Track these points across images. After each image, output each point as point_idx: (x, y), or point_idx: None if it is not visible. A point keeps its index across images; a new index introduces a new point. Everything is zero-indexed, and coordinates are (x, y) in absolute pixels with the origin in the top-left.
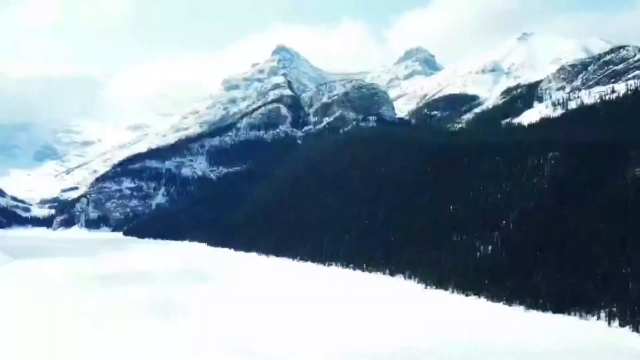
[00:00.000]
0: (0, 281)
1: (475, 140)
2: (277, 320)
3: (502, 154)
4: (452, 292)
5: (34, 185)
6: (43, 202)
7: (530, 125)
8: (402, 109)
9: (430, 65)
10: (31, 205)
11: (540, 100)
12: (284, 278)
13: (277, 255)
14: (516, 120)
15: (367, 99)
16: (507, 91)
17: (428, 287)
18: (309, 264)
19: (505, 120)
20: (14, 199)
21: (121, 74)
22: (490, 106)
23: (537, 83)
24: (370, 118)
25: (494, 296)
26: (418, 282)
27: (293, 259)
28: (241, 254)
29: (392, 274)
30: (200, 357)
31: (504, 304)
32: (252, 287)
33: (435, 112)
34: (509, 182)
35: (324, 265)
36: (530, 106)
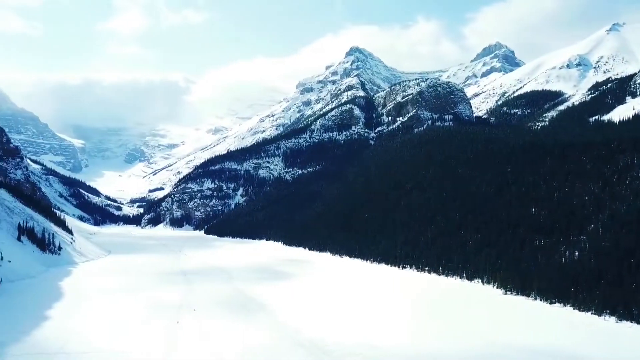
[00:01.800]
0: (97, 274)
1: (559, 138)
2: (352, 320)
3: (589, 152)
4: (535, 298)
5: (124, 186)
6: (132, 202)
7: (622, 122)
8: (480, 107)
9: (509, 61)
10: (122, 204)
11: (634, 95)
12: (358, 279)
13: (350, 256)
14: (606, 117)
15: (442, 97)
16: (596, 86)
17: (508, 292)
18: (382, 266)
19: (594, 118)
20: (108, 198)
21: (201, 79)
22: (577, 103)
23: (631, 77)
24: (446, 117)
25: (581, 305)
26: (497, 287)
27: (366, 261)
28: (315, 253)
29: (469, 278)
30: (276, 353)
31: (592, 313)
32: (327, 287)
33: (515, 110)
34: (598, 182)
35: (398, 267)
36: (622, 102)
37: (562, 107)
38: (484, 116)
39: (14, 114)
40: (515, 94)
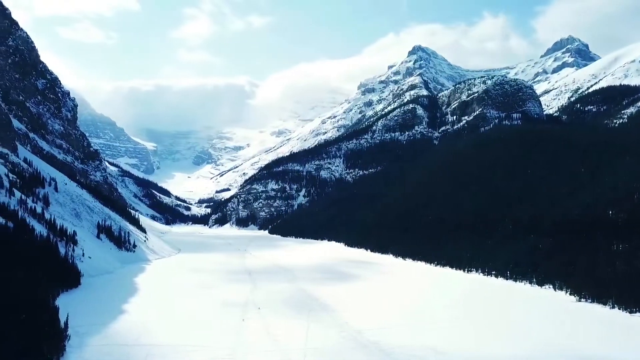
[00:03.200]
0: (168, 271)
1: (639, 136)
2: (416, 323)
3: None
4: (612, 307)
5: (193, 187)
6: (200, 202)
7: None
8: (551, 104)
9: (583, 55)
10: (191, 204)
11: None
12: (422, 281)
13: (413, 259)
14: None
15: (510, 95)
16: None
17: (582, 299)
18: (447, 269)
19: None
20: (178, 198)
21: (265, 82)
22: None
23: None
24: (514, 116)
25: None
26: (570, 294)
27: (430, 263)
28: (377, 255)
29: (539, 283)
30: (338, 354)
31: None
32: (390, 289)
33: (590, 107)
34: None
35: (464, 271)
36: None
37: None
38: (555, 114)
39: (93, 120)
40: (590, 90)
